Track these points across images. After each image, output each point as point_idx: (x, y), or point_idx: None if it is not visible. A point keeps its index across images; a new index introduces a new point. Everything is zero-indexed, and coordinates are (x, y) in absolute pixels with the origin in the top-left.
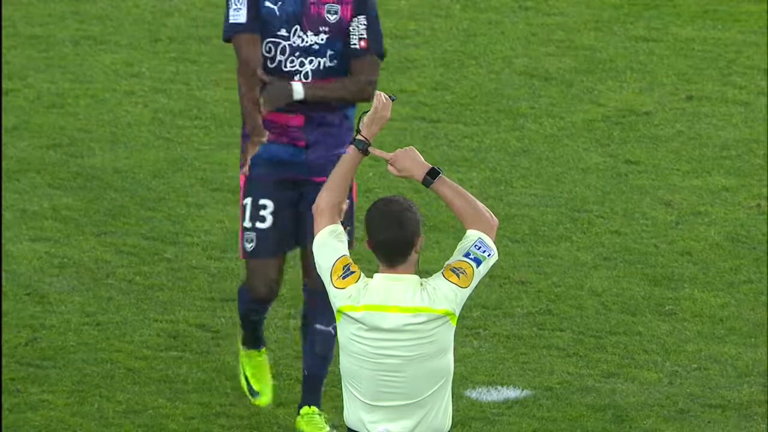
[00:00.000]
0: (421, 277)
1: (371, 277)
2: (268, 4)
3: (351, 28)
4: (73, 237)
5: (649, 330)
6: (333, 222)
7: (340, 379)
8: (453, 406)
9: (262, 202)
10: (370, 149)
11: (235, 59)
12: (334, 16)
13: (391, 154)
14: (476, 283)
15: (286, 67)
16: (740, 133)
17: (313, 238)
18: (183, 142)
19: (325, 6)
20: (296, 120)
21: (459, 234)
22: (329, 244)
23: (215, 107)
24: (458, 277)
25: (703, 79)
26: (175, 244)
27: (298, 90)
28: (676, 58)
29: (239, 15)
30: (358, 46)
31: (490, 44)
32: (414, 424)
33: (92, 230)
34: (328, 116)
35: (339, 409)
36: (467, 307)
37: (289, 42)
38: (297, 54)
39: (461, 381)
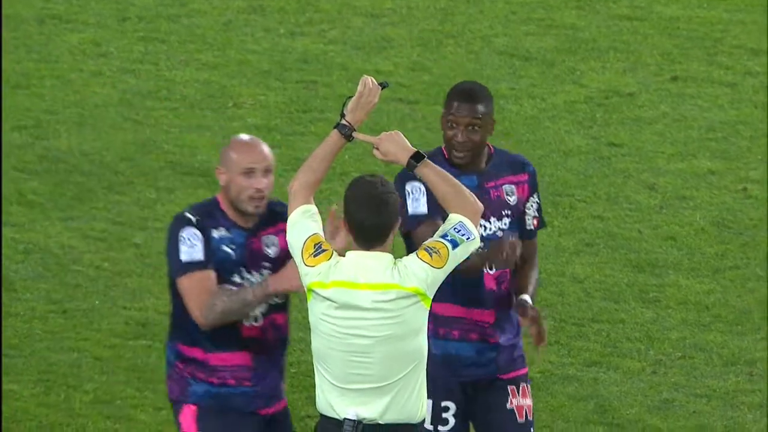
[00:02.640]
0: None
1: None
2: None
3: (527, 208)
4: (39, 222)
5: (633, 317)
6: (307, 202)
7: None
8: None
9: (444, 404)
10: (355, 134)
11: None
12: (513, 197)
13: (376, 137)
14: (452, 265)
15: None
16: (726, 114)
17: None
18: (152, 124)
19: (504, 188)
20: (487, 316)
21: None
22: (301, 223)
23: (185, 88)
24: (431, 256)
25: (689, 59)
26: (144, 230)
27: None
28: (661, 37)
29: (419, 205)
30: (532, 227)
31: (468, 23)
32: (384, 408)
33: (58, 215)
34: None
35: (312, 399)
36: None
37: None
38: (482, 245)
39: None
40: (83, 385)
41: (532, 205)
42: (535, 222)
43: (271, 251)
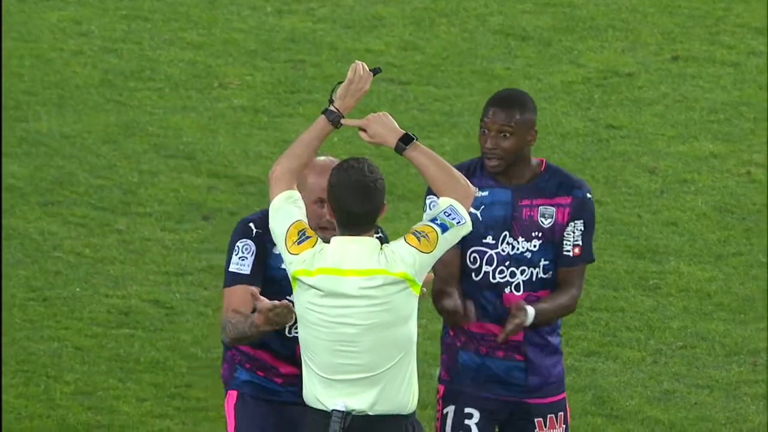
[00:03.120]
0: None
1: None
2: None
3: (566, 233)
4: (18, 207)
5: (632, 306)
6: (289, 188)
7: None
8: (422, 386)
9: (468, 410)
10: (343, 121)
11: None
12: (549, 221)
13: (363, 120)
14: (442, 250)
15: (494, 278)
16: (729, 95)
17: None
18: (135, 105)
19: (539, 208)
20: (518, 335)
21: None
22: (284, 209)
23: (169, 68)
24: (419, 240)
25: (690, 38)
26: (127, 215)
27: (531, 319)
28: (661, 15)
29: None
30: (571, 254)
31: (462, 1)
32: (373, 400)
33: (38, 199)
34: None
35: None
36: None
37: (497, 250)
38: (507, 263)
39: (432, 360)
40: (64, 375)
41: (572, 231)
42: (576, 250)
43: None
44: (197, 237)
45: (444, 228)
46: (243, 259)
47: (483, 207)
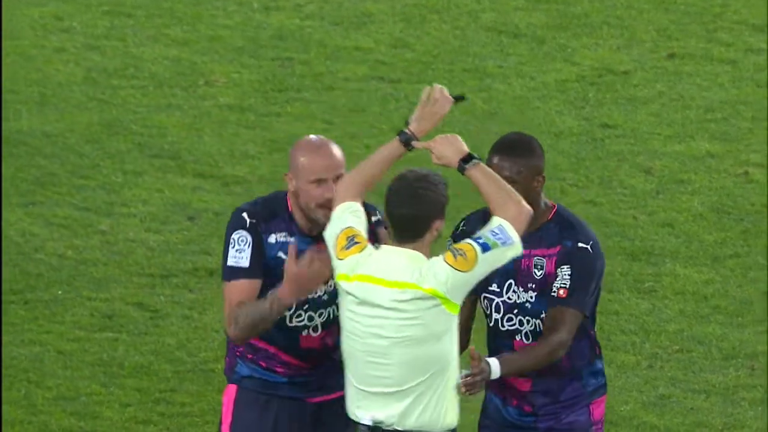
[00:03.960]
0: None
1: None
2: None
3: (556, 278)
4: None
5: (628, 309)
6: (353, 200)
7: None
8: None
9: None
10: (414, 143)
11: None
12: (541, 272)
13: (431, 141)
14: (483, 269)
15: (503, 326)
16: (726, 93)
17: None
18: (118, 103)
19: (534, 259)
20: (522, 384)
21: None
22: (341, 218)
23: (153, 66)
24: (455, 258)
25: (686, 36)
26: (110, 216)
27: (495, 370)
28: (657, 12)
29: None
30: (556, 295)
31: None
32: (401, 414)
33: (19, 200)
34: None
35: None
36: None
37: (502, 299)
38: (515, 312)
39: None
40: (46, 380)
41: (561, 275)
42: (562, 292)
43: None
44: (182, 238)
45: (485, 247)
46: (240, 252)
47: None
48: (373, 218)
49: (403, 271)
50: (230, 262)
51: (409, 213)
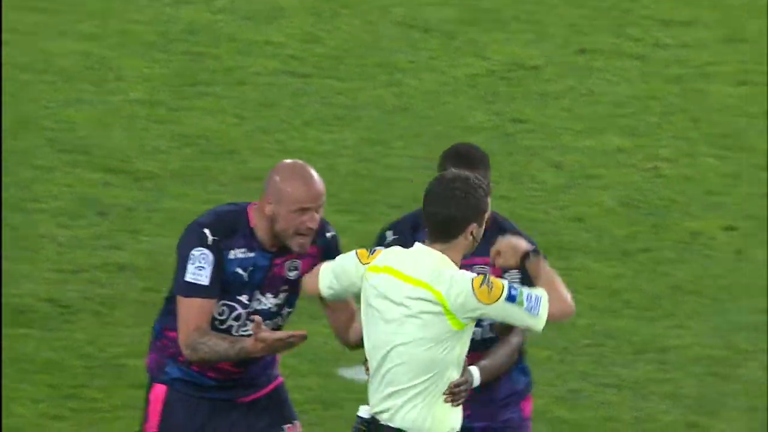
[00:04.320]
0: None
1: None
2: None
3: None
4: None
5: None
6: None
7: None
8: (327, 385)
9: None
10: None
11: None
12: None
13: (494, 255)
14: (497, 312)
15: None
16: (635, 89)
17: None
18: (28, 98)
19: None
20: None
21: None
22: (338, 258)
23: (63, 60)
24: (481, 286)
25: (596, 31)
26: (22, 211)
27: (477, 378)
28: (567, 7)
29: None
30: None
31: None
32: (393, 411)
33: None
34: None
35: None
36: None
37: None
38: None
39: (335, 358)
40: None
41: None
42: None
43: (292, 275)
44: (93, 233)
45: (512, 298)
46: (201, 269)
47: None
48: (328, 234)
49: (424, 270)
50: (189, 278)
51: (444, 213)
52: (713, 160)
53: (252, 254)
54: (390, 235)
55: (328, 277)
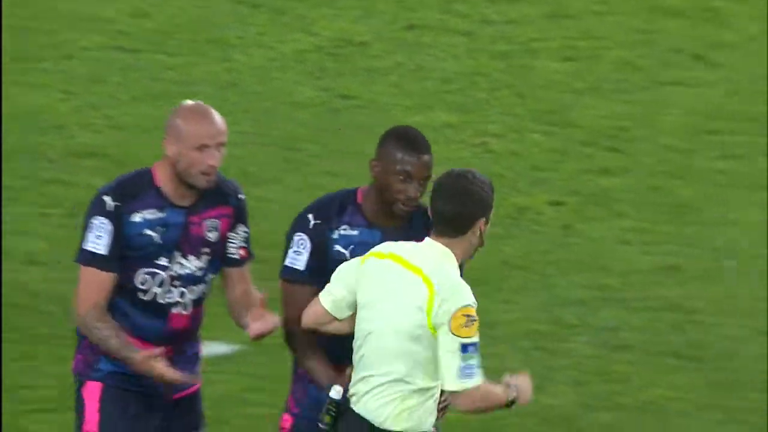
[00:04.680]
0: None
1: None
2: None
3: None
4: None
5: None
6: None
7: None
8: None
9: None
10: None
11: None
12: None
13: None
14: (441, 344)
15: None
16: (463, 65)
17: None
18: None
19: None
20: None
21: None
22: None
23: None
24: (464, 317)
25: (424, 7)
26: None
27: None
28: None
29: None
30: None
31: None
32: (359, 396)
33: None
34: None
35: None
36: None
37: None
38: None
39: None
40: None
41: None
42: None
43: (212, 236)
44: None
45: (465, 349)
46: (99, 238)
47: (352, 247)
48: (240, 196)
49: (427, 260)
50: (88, 246)
51: (453, 209)
52: (539, 135)
53: (162, 213)
54: (311, 219)
55: (326, 293)
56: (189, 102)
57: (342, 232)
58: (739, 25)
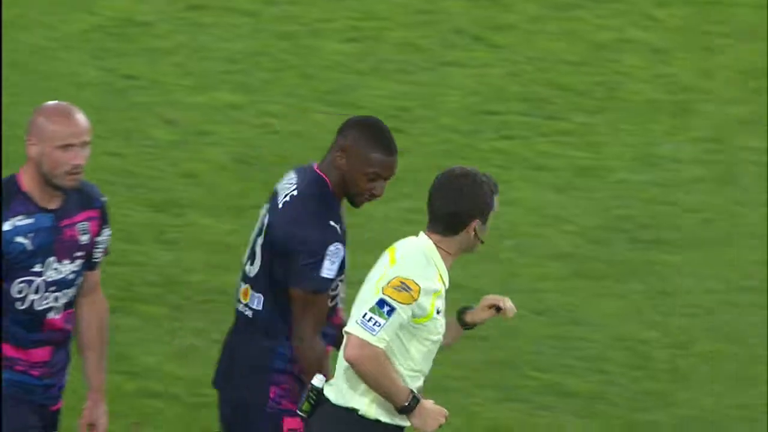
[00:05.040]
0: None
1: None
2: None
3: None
4: None
5: (152, 260)
6: None
7: None
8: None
9: None
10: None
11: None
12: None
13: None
14: (364, 294)
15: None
16: (247, 45)
17: None
18: None
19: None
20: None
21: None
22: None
23: None
24: (399, 283)
25: None
26: None
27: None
28: None
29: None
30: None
31: None
32: (333, 378)
33: None
34: None
35: None
36: None
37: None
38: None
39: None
40: None
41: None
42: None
43: (85, 239)
44: None
45: (381, 304)
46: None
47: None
48: (102, 198)
49: (407, 247)
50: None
51: (447, 209)
52: (323, 116)
53: (31, 219)
54: None
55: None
56: (51, 102)
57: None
58: (519, 7)
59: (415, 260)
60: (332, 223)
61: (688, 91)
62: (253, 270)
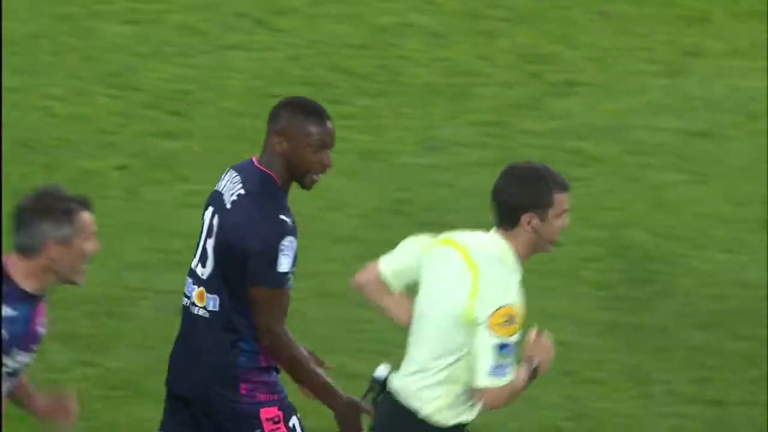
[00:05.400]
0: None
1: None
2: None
3: None
4: None
5: None
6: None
7: None
8: None
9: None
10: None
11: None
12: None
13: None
14: (477, 339)
15: None
16: (27, 27)
17: None
18: None
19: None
20: None
21: None
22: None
23: None
24: (504, 316)
25: None
26: None
27: None
28: None
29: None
30: None
31: None
32: (405, 380)
33: None
34: None
35: None
36: None
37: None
38: None
39: None
40: None
41: None
42: None
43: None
44: None
45: (503, 347)
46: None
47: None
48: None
49: (481, 252)
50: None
51: (500, 197)
52: (105, 98)
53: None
54: None
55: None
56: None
57: None
58: None
59: (498, 275)
60: (282, 217)
61: (466, 75)
62: (205, 272)
